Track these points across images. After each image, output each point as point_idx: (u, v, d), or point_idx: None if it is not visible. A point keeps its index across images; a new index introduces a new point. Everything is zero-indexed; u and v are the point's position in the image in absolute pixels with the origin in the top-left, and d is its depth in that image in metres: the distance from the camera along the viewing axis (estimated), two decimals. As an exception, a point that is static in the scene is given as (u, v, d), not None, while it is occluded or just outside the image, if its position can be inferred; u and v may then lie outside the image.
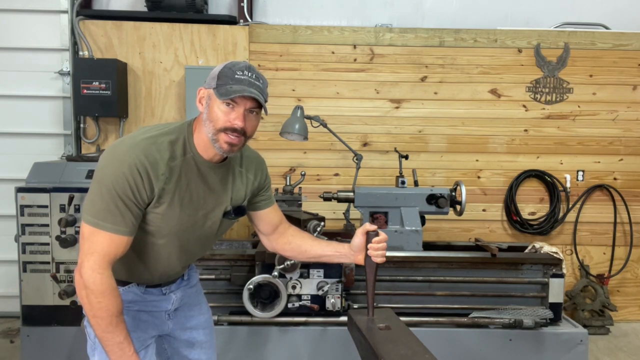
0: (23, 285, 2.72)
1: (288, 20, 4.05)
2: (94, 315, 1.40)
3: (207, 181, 1.55)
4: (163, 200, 1.46)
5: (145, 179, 1.41)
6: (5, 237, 3.31)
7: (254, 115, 1.48)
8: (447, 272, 2.82)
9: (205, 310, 1.87)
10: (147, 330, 1.68)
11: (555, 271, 2.81)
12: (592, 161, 4.03)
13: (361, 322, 1.61)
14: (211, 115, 1.45)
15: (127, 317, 1.56)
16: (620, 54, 3.94)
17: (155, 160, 1.43)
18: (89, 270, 1.38)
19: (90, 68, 3.63)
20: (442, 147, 3.99)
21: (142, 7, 3.88)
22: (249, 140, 1.53)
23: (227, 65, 1.48)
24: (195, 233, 1.59)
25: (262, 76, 1.51)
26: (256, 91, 1.44)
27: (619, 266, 4.05)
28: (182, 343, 1.80)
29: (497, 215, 4.06)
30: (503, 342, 2.76)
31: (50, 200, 2.68)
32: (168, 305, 1.72)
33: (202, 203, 1.55)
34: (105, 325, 1.40)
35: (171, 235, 1.53)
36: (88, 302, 1.39)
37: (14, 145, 3.88)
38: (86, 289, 1.38)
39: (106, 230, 1.39)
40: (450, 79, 3.94)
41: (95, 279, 1.38)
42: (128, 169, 1.39)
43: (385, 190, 3.05)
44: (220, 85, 1.43)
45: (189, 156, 1.50)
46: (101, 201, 1.39)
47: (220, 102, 1.44)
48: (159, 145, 1.45)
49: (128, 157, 1.40)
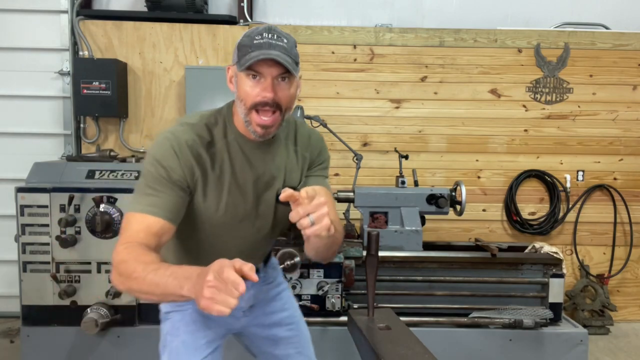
0: (23, 285, 2.72)
1: (288, 20, 4.05)
2: (130, 288, 1.21)
3: (253, 163, 1.44)
4: (207, 186, 1.39)
5: (184, 163, 1.33)
6: (5, 237, 3.31)
7: (285, 82, 1.32)
8: (447, 272, 2.83)
9: (289, 306, 1.76)
10: (216, 329, 1.60)
11: (555, 271, 2.81)
12: (592, 161, 4.03)
13: (361, 322, 1.61)
14: (240, 93, 1.34)
15: (196, 317, 1.53)
16: (620, 54, 3.93)
17: (194, 145, 1.35)
18: (115, 251, 1.25)
19: (90, 68, 3.63)
20: (442, 147, 3.99)
21: (142, 7, 3.88)
22: (287, 114, 1.38)
23: (246, 33, 1.33)
24: (250, 221, 1.49)
25: (287, 35, 1.33)
26: (278, 52, 1.27)
27: (619, 266, 4.04)
28: (263, 341, 1.72)
29: (497, 215, 4.06)
30: (503, 342, 2.77)
31: (50, 200, 2.68)
32: (240, 302, 1.60)
33: (251, 187, 1.45)
34: (141, 283, 1.18)
35: (225, 224, 1.43)
36: (118, 276, 1.22)
37: (14, 145, 3.88)
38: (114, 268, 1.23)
39: (139, 211, 1.29)
40: (450, 79, 3.94)
41: (116, 250, 1.25)
42: (165, 153, 1.33)
43: (385, 190, 3.05)
44: (241, 57, 1.30)
45: (230, 139, 1.41)
46: (140, 188, 1.33)
47: (245, 76, 1.31)
48: (198, 130, 1.38)
49: (167, 143, 1.34)
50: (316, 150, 1.58)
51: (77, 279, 2.71)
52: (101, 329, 2.62)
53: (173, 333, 1.57)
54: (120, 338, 2.74)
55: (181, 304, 1.58)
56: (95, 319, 2.61)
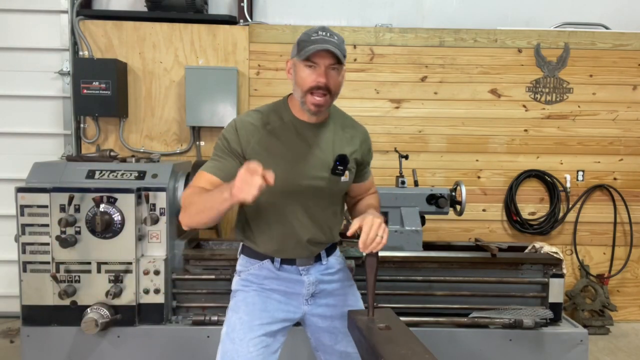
0: (23, 285, 2.71)
1: (288, 20, 4.05)
2: (191, 214, 1.59)
3: (306, 139, 1.71)
4: (262, 157, 1.61)
5: (242, 134, 1.66)
6: (5, 237, 3.31)
7: (335, 71, 1.63)
8: (447, 272, 2.82)
9: (353, 302, 1.85)
10: (274, 313, 1.75)
11: (555, 271, 2.81)
12: (592, 161, 4.03)
13: (361, 322, 1.61)
14: (298, 80, 1.64)
15: (257, 299, 1.74)
16: (620, 54, 3.94)
17: (253, 123, 1.69)
18: (182, 194, 1.68)
19: (90, 68, 3.63)
20: (442, 147, 3.99)
21: (142, 7, 3.88)
22: (335, 97, 1.68)
23: (304, 32, 1.66)
24: (307, 191, 1.70)
25: (337, 34, 1.65)
26: (331, 46, 1.58)
27: (619, 266, 4.05)
28: (324, 333, 1.83)
29: (497, 215, 4.06)
30: (503, 342, 2.76)
31: (50, 200, 2.67)
32: (302, 289, 1.78)
33: (303, 159, 1.70)
34: (198, 203, 1.56)
35: (281, 193, 1.66)
36: (182, 210, 1.61)
37: (14, 145, 3.88)
38: (182, 207, 1.63)
39: (204, 170, 1.66)
40: (450, 79, 3.94)
41: (183, 193, 1.66)
42: (229, 128, 1.69)
43: (385, 190, 3.04)
44: (300, 50, 1.62)
45: (286, 119, 1.72)
46: (212, 155, 1.71)
47: (303, 65, 1.62)
48: (259, 114, 1.72)
49: (232, 122, 1.71)
50: (367, 146, 1.88)
51: (77, 279, 2.71)
52: (101, 329, 2.61)
53: (234, 309, 1.76)
54: (120, 338, 2.74)
55: (247, 284, 1.78)
56: (95, 319, 2.60)
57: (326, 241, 1.82)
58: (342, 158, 1.73)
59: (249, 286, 1.78)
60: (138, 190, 2.74)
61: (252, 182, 1.36)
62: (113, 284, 2.70)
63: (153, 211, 2.76)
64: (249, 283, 1.79)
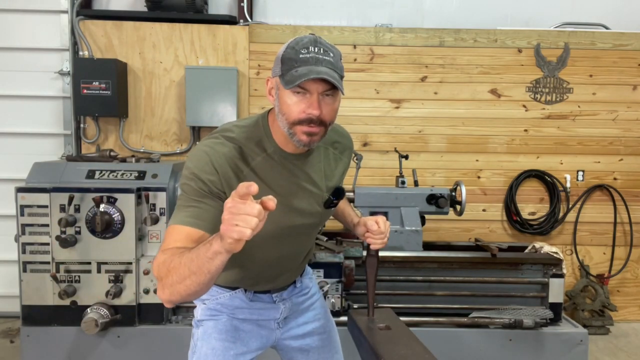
0: (23, 285, 2.72)
1: (288, 20, 4.05)
2: (172, 283, 1.15)
3: (296, 175, 1.43)
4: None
5: (223, 177, 1.29)
6: (5, 237, 3.31)
7: (330, 98, 1.29)
8: (447, 272, 2.83)
9: (321, 315, 1.75)
10: (248, 342, 1.60)
11: (555, 271, 2.81)
12: (592, 161, 4.03)
13: (361, 322, 1.61)
14: (282, 107, 1.30)
15: (229, 327, 1.55)
16: (620, 54, 3.94)
17: (233, 159, 1.32)
18: (154, 261, 1.22)
19: (90, 68, 3.63)
20: (442, 147, 3.99)
21: (142, 7, 3.88)
22: (330, 127, 1.35)
23: (290, 44, 1.29)
24: (292, 230, 1.47)
25: (332, 47, 1.30)
26: (326, 69, 1.24)
27: (619, 266, 4.05)
28: (295, 352, 1.71)
29: (497, 215, 4.06)
30: (503, 342, 2.77)
31: (50, 200, 2.67)
32: (277, 315, 1.64)
33: (295, 198, 1.44)
34: (179, 268, 1.14)
35: (266, 235, 1.29)
36: (159, 280, 1.19)
37: (14, 145, 3.88)
38: (156, 278, 1.20)
39: (179, 223, 1.25)
40: (450, 79, 3.94)
41: (155, 259, 1.22)
42: (202, 165, 1.29)
43: (385, 190, 3.05)
44: (286, 71, 1.26)
45: (270, 152, 1.38)
46: (180, 203, 1.30)
47: (289, 91, 1.27)
48: (236, 144, 1.35)
49: (206, 157, 1.31)
50: (350, 154, 1.68)
51: (77, 279, 2.71)
52: (101, 329, 2.62)
53: (204, 339, 1.57)
54: (120, 338, 2.74)
55: (215, 313, 1.59)
56: (95, 319, 2.61)
57: (304, 268, 1.74)
58: (337, 192, 1.53)
59: (219, 315, 1.59)
60: (138, 190, 2.74)
61: (248, 211, 0.99)
62: (113, 284, 2.70)
63: (153, 211, 2.77)
64: (217, 312, 1.59)
